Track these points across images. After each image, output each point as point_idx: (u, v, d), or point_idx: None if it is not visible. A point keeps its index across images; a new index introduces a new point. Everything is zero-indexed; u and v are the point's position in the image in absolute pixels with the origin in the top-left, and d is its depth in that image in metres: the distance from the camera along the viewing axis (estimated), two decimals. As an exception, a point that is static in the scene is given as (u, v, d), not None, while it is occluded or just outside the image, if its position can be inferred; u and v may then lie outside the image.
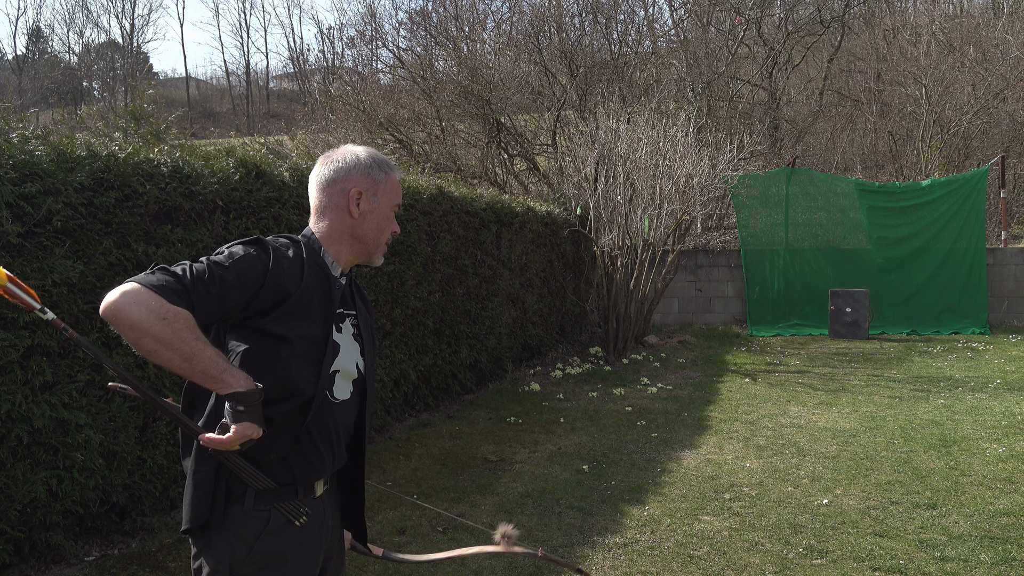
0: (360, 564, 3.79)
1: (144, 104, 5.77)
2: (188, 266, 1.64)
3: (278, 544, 1.73)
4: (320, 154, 2.03)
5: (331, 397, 1.80)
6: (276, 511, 1.74)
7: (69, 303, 3.68)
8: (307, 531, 1.78)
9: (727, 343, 11.14)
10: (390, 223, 1.93)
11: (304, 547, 1.78)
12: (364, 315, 1.95)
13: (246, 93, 44.22)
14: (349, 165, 1.87)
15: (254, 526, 1.71)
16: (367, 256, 1.94)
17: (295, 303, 1.72)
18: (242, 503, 1.71)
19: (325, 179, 1.88)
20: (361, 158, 1.89)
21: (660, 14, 27.40)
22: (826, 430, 6.18)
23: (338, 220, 1.87)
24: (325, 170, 1.88)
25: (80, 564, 3.75)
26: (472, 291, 7.85)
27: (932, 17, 18.28)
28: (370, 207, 1.88)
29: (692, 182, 9.85)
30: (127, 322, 1.51)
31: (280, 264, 1.71)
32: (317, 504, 1.82)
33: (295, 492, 1.77)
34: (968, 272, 11.89)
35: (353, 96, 15.19)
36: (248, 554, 1.70)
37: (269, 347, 1.71)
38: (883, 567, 3.66)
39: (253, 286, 1.67)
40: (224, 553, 1.70)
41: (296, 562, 1.76)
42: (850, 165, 18.18)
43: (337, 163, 1.88)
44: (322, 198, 1.88)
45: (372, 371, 1.96)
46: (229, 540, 1.70)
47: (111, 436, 3.88)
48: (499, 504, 4.61)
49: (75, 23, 59.60)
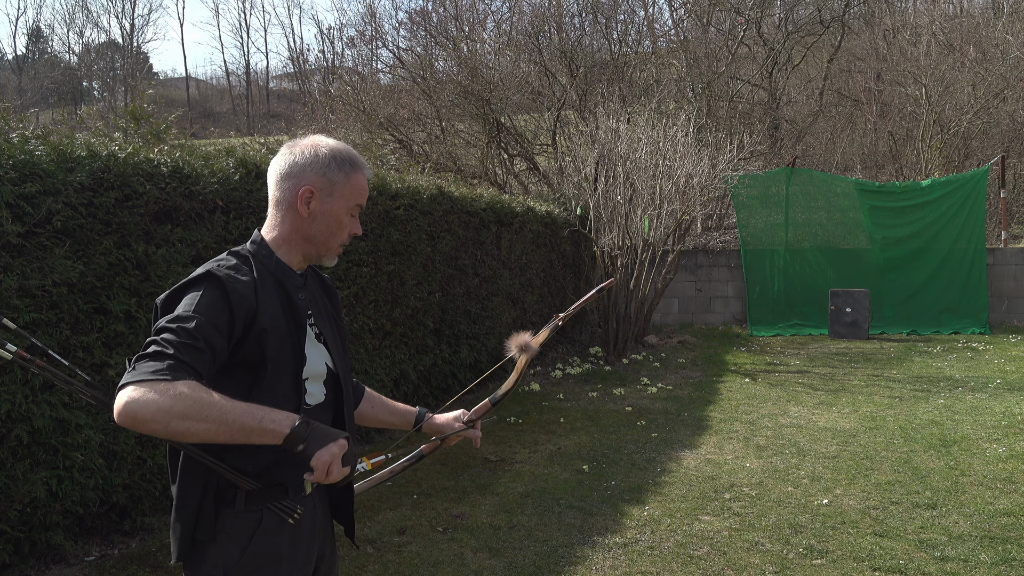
0: (360, 564, 3.79)
1: (144, 104, 5.77)
2: (158, 340, 1.53)
3: (272, 544, 1.70)
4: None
5: (305, 404, 1.76)
6: (268, 511, 1.71)
7: (69, 303, 3.68)
8: (300, 529, 1.76)
9: (727, 343, 11.14)
10: (345, 226, 1.80)
11: (298, 546, 1.76)
12: (323, 309, 1.88)
13: (246, 93, 44.22)
14: (306, 160, 1.75)
15: (247, 527, 1.68)
16: (318, 257, 1.82)
17: (261, 320, 1.65)
18: (233, 505, 1.68)
19: (280, 172, 1.77)
20: (320, 154, 1.76)
21: (660, 14, 27.43)
22: (826, 430, 6.18)
23: (288, 218, 1.76)
24: (283, 162, 1.77)
25: (80, 564, 3.75)
26: (472, 291, 7.85)
27: (932, 17, 18.28)
28: (322, 208, 1.75)
29: (692, 182, 9.85)
30: (145, 422, 1.43)
31: (237, 289, 1.64)
32: (308, 502, 1.80)
33: (285, 492, 1.74)
34: (968, 272, 11.89)
35: (353, 96, 15.19)
36: (242, 556, 1.67)
37: (250, 379, 1.66)
38: (883, 567, 3.66)
39: (223, 322, 1.60)
40: (218, 557, 1.67)
41: (290, 561, 1.73)
42: (850, 165, 18.18)
43: (295, 156, 1.76)
44: (276, 192, 1.78)
45: (345, 365, 1.89)
46: (222, 543, 1.67)
47: (111, 436, 3.88)
48: (499, 504, 4.61)
49: (75, 23, 59.73)
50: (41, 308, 3.57)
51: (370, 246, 6.02)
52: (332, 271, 1.77)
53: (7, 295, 3.40)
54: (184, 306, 1.59)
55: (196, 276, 1.66)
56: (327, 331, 1.86)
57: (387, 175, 6.76)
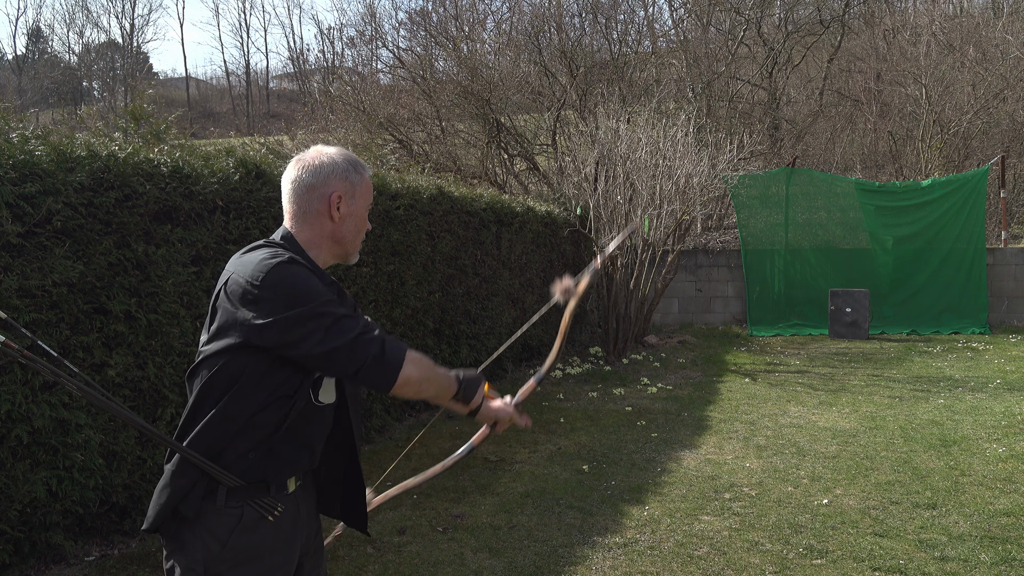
0: (360, 564, 3.79)
1: (144, 104, 5.77)
2: (353, 318, 1.76)
3: (252, 540, 1.73)
4: None
5: (315, 400, 1.81)
6: (249, 507, 1.73)
7: (69, 303, 3.68)
8: (281, 526, 1.78)
9: (727, 343, 11.14)
10: (366, 223, 1.94)
11: (279, 542, 1.78)
12: None
13: (246, 93, 44.19)
14: (327, 169, 1.85)
15: (227, 523, 1.71)
16: (345, 256, 1.93)
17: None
18: (214, 500, 1.71)
19: (303, 184, 1.85)
20: (337, 161, 1.87)
21: (660, 14, 27.43)
22: (826, 430, 6.18)
23: (318, 225, 1.85)
24: (302, 175, 1.85)
25: (80, 564, 3.75)
26: (472, 291, 7.85)
27: (932, 17, 18.27)
28: (349, 210, 1.87)
29: (692, 182, 9.85)
30: (414, 383, 1.79)
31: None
32: (291, 500, 1.82)
33: (267, 489, 1.77)
34: (968, 272, 11.89)
35: (353, 96, 15.19)
36: (222, 551, 1.70)
37: (266, 364, 1.72)
38: (883, 567, 3.66)
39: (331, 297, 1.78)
40: (198, 551, 1.70)
41: (271, 557, 1.76)
42: (850, 165, 18.18)
43: (314, 167, 1.85)
44: (300, 203, 1.85)
45: None
46: (202, 538, 1.70)
47: (111, 436, 3.87)
48: (499, 504, 4.61)
49: (75, 23, 59.63)
50: (41, 308, 3.57)
51: (370, 246, 6.02)
52: (332, 270, 1.78)
53: (7, 295, 3.40)
54: (307, 294, 1.70)
55: (284, 259, 1.72)
56: None
57: (387, 175, 6.76)
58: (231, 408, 1.70)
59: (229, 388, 1.70)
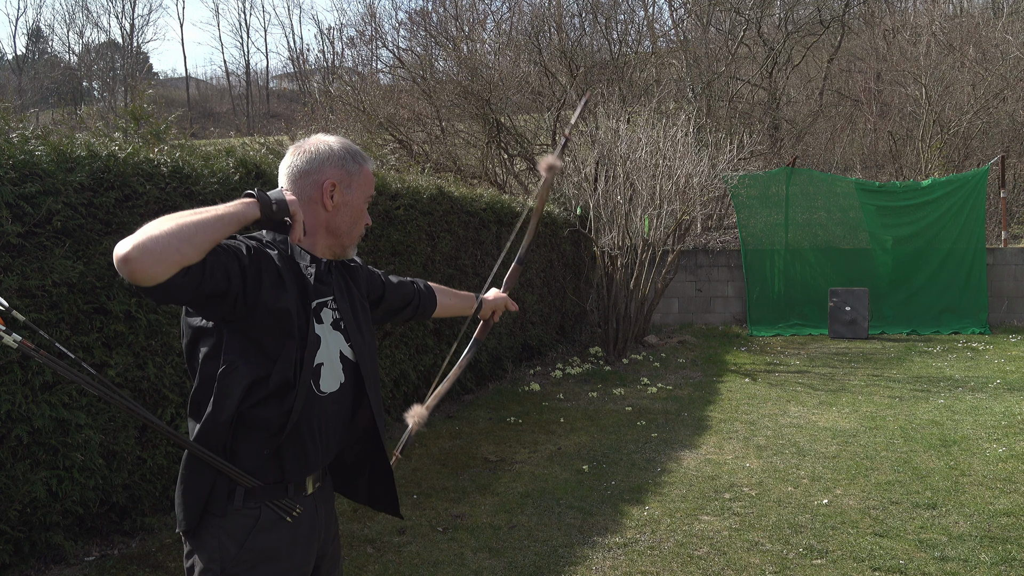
0: (360, 564, 3.79)
1: (144, 104, 5.77)
2: None
3: (269, 541, 1.72)
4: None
5: (317, 390, 1.76)
6: (267, 508, 1.72)
7: (69, 303, 3.68)
8: (299, 528, 1.77)
9: (727, 343, 11.14)
10: (363, 215, 1.88)
11: (296, 544, 1.77)
12: (344, 295, 1.89)
13: (246, 93, 44.21)
14: (323, 156, 1.81)
15: (244, 524, 1.70)
16: (341, 249, 1.87)
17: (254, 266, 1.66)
18: (232, 501, 1.70)
19: (297, 170, 1.81)
20: (335, 149, 1.83)
21: (660, 14, 27.45)
22: (826, 430, 6.18)
23: (312, 214, 1.80)
24: (297, 160, 1.81)
25: (80, 564, 3.75)
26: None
27: (932, 17, 18.27)
28: (344, 199, 1.82)
29: (692, 182, 9.85)
30: (152, 252, 1.46)
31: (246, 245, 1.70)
32: (309, 501, 1.81)
33: (285, 490, 1.75)
34: (968, 272, 11.89)
35: (353, 96, 15.20)
36: (239, 552, 1.69)
37: (242, 331, 1.67)
38: (883, 567, 3.66)
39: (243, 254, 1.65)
40: (215, 551, 1.69)
41: (288, 559, 1.74)
42: (850, 165, 18.18)
43: (310, 153, 1.81)
44: (294, 190, 1.80)
45: (367, 352, 1.89)
46: (220, 538, 1.69)
47: (111, 436, 3.88)
48: (499, 504, 4.61)
49: (75, 23, 59.58)
50: (41, 308, 3.58)
51: (370, 246, 6.02)
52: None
53: (7, 295, 3.40)
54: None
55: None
56: (347, 318, 1.86)
57: (387, 175, 6.76)
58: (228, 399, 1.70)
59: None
